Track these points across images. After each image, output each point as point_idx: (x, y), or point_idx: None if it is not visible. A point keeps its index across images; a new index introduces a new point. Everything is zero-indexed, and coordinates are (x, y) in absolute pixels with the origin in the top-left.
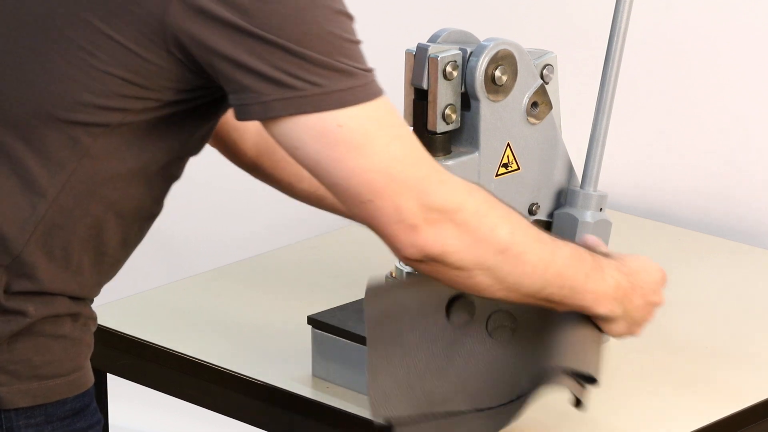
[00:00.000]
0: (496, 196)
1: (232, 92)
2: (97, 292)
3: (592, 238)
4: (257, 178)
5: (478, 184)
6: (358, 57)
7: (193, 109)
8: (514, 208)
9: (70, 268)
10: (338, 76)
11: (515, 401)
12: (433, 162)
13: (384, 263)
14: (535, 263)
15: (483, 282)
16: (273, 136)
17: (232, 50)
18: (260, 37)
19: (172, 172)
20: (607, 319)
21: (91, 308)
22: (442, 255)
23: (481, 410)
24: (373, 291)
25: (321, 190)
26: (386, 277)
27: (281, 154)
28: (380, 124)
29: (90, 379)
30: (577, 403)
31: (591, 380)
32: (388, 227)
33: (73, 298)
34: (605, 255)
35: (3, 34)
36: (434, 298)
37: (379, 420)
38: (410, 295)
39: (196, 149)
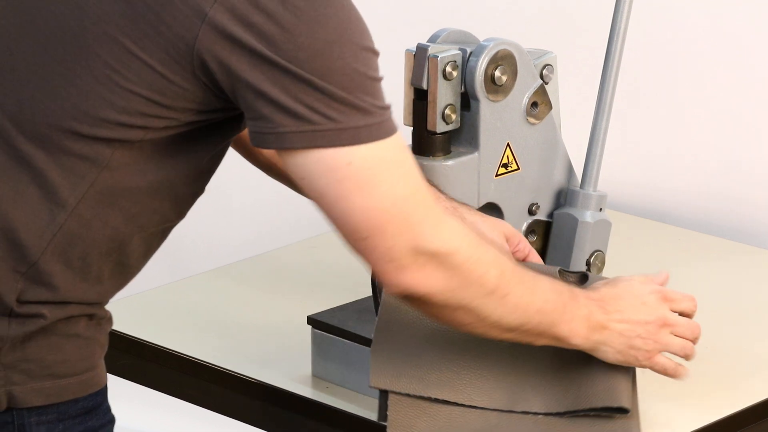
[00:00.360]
0: (484, 235)
1: (250, 119)
2: (113, 295)
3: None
4: (272, 177)
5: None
6: (378, 94)
7: (213, 125)
8: (497, 246)
9: (89, 278)
10: (355, 113)
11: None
12: (433, 203)
13: None
14: (517, 303)
15: (464, 319)
16: (284, 163)
17: (256, 79)
18: (286, 69)
19: (194, 186)
20: (589, 349)
21: (105, 308)
22: (427, 295)
23: (474, 407)
24: None
25: None
26: None
27: None
28: (389, 164)
29: (103, 378)
30: None
31: (623, 411)
32: (379, 265)
33: (89, 303)
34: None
35: (33, 47)
36: None
37: (375, 387)
38: None
39: (215, 164)
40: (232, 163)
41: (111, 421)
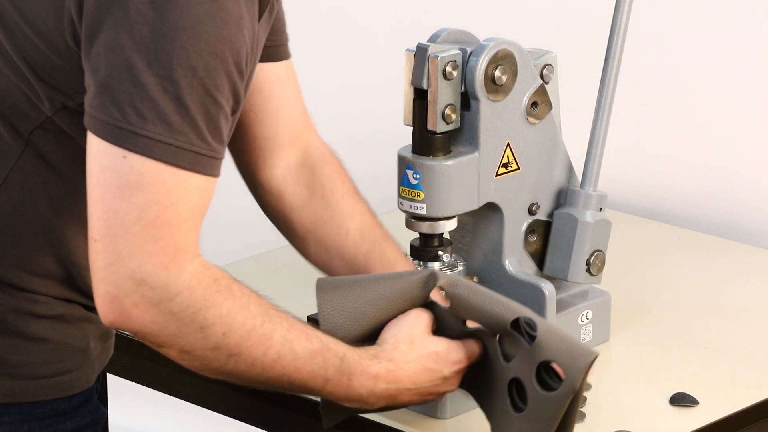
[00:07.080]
0: (245, 288)
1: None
2: (88, 299)
3: None
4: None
5: (223, 271)
6: (210, 119)
7: None
8: (261, 298)
9: (32, 270)
10: (159, 123)
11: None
12: (183, 246)
13: None
14: (251, 364)
15: (192, 364)
16: None
17: (101, 43)
18: (118, 44)
19: None
20: None
21: (87, 311)
22: (139, 334)
23: None
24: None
25: (325, 261)
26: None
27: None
28: (162, 186)
29: (82, 383)
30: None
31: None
32: (94, 277)
33: (59, 299)
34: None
35: None
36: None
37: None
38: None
39: None
40: (231, 163)
41: (93, 423)
